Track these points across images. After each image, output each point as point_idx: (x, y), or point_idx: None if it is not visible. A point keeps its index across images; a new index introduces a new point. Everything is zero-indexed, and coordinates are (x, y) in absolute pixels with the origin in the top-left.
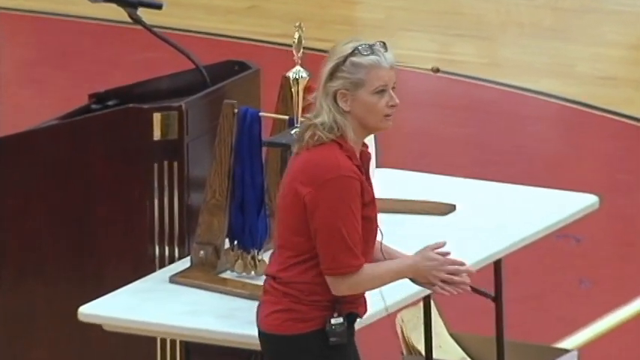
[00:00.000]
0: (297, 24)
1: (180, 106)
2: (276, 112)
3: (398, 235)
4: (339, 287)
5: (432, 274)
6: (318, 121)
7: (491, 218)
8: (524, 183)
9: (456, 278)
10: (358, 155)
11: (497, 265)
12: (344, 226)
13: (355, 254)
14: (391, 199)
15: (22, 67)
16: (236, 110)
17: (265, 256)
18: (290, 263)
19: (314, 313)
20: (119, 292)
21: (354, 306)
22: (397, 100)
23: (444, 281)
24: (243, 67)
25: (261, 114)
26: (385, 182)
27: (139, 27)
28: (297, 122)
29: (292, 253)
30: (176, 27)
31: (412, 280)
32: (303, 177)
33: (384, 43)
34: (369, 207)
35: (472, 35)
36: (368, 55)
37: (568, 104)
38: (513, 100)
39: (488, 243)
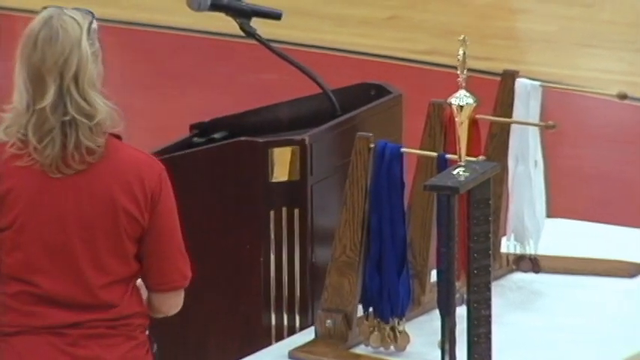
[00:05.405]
0: (460, 37)
1: (304, 139)
2: (422, 147)
3: (572, 301)
4: (177, 301)
5: None
6: (101, 119)
7: None
8: None
9: None
10: None
11: None
12: (179, 230)
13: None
14: (565, 257)
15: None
16: (372, 145)
17: (407, 327)
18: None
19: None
20: None
21: None
22: None
23: None
24: (381, 91)
25: (403, 150)
26: (558, 235)
27: (253, 42)
28: (460, 160)
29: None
30: (299, 42)
31: None
32: (126, 185)
33: None
34: None
35: None
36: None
37: None
38: None
39: None
